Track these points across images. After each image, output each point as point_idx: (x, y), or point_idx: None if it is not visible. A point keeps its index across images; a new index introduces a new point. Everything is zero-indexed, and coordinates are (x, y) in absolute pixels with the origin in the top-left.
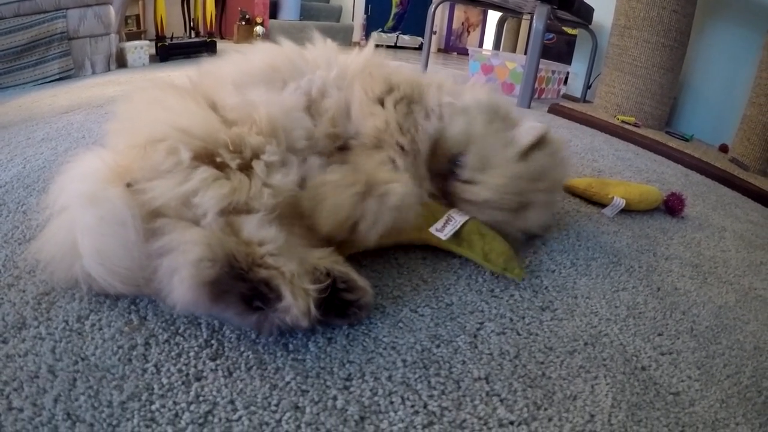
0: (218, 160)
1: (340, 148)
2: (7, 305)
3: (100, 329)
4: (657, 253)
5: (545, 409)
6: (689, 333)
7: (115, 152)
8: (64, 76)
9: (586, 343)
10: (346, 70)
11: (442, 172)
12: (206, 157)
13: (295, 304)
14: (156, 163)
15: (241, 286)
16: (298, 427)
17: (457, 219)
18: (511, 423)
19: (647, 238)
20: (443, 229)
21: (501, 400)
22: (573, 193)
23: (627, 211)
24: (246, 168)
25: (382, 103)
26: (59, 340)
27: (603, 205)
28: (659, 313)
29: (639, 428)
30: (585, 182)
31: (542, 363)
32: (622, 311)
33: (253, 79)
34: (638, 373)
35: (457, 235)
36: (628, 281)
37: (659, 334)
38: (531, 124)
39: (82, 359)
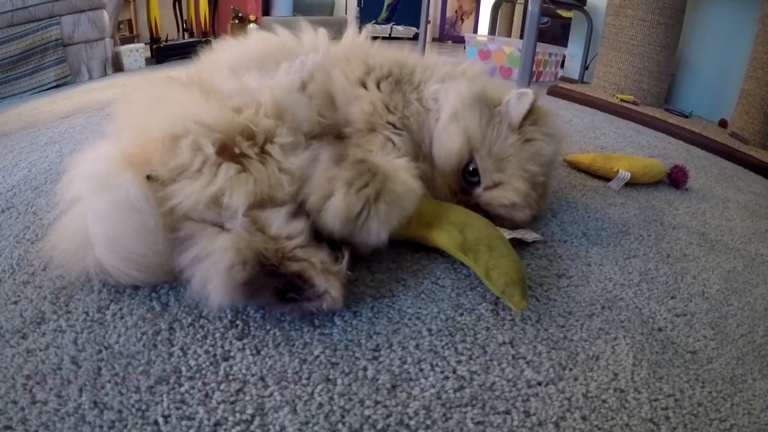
0: (236, 150)
1: (337, 137)
2: (24, 302)
3: (122, 318)
4: (664, 223)
5: (570, 369)
6: (701, 296)
7: (124, 144)
8: (60, 83)
9: (603, 307)
10: (331, 55)
11: (462, 187)
12: (225, 149)
13: (330, 291)
14: (183, 162)
15: (274, 281)
16: (331, 398)
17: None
18: (539, 383)
19: (653, 209)
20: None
21: (527, 363)
22: (578, 168)
23: (632, 184)
24: (260, 154)
25: (364, 85)
26: (80, 332)
27: (608, 179)
28: (671, 278)
29: (661, 385)
30: (589, 157)
31: (563, 326)
32: (635, 277)
33: (247, 63)
34: (655, 333)
35: (465, 243)
36: (639, 249)
37: (672, 297)
38: (517, 92)
39: (106, 348)
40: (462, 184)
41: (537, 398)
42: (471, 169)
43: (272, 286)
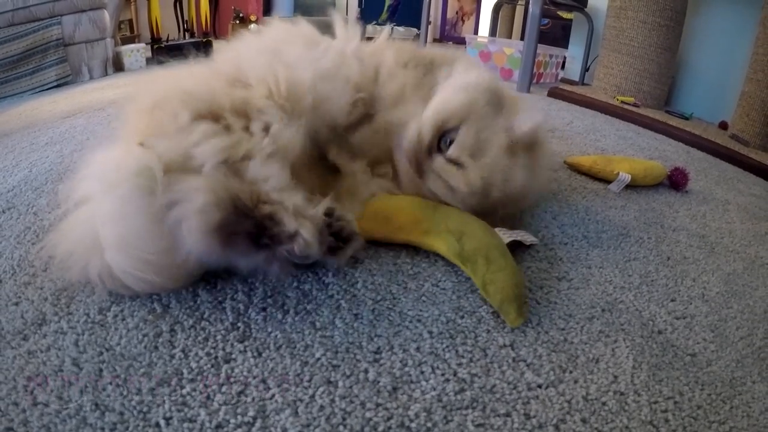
0: (222, 123)
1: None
2: (25, 303)
3: (123, 319)
4: (664, 225)
5: (570, 372)
6: (701, 298)
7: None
8: (61, 83)
9: (603, 310)
10: (369, 46)
11: (430, 148)
12: (210, 118)
13: (301, 232)
14: (162, 124)
15: (247, 224)
16: (333, 401)
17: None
18: (539, 386)
19: (654, 211)
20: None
21: (527, 365)
22: (578, 170)
23: (632, 186)
24: (247, 130)
25: (406, 67)
26: (81, 333)
27: (608, 182)
28: (671, 281)
29: (661, 387)
30: (590, 159)
31: (563, 329)
32: (635, 279)
33: (283, 41)
34: (655, 336)
35: (463, 253)
36: (639, 251)
37: (672, 300)
38: (530, 114)
39: (107, 350)
40: (432, 146)
41: (537, 401)
42: (449, 140)
43: (245, 231)
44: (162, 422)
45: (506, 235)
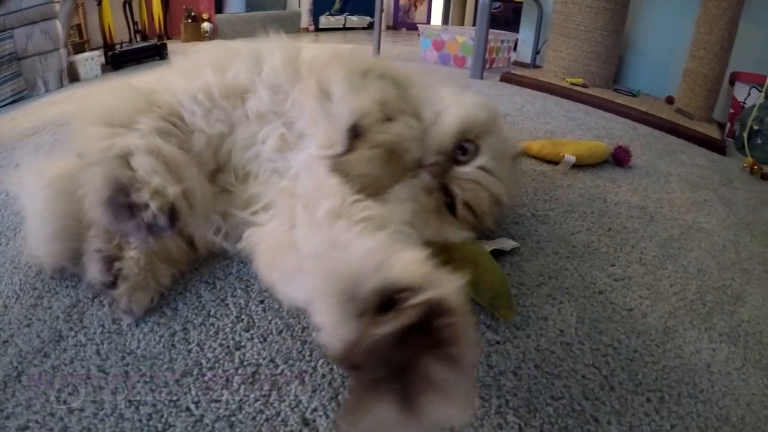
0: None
1: None
2: (37, 323)
3: (138, 325)
4: (607, 200)
5: (523, 329)
6: (638, 262)
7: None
8: (17, 99)
9: (550, 277)
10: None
11: (449, 154)
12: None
13: (150, 204)
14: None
15: (124, 198)
16: (332, 369)
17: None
18: (498, 342)
19: (598, 187)
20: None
21: (487, 327)
22: (528, 155)
23: (578, 166)
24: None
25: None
26: (101, 343)
27: (556, 164)
28: (611, 249)
29: (601, 337)
30: (538, 144)
31: (516, 295)
32: (579, 249)
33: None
34: (596, 296)
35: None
36: (583, 225)
37: (612, 265)
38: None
39: (129, 354)
40: (450, 153)
41: (497, 354)
42: (465, 147)
43: (125, 203)
44: (192, 406)
45: (487, 245)
